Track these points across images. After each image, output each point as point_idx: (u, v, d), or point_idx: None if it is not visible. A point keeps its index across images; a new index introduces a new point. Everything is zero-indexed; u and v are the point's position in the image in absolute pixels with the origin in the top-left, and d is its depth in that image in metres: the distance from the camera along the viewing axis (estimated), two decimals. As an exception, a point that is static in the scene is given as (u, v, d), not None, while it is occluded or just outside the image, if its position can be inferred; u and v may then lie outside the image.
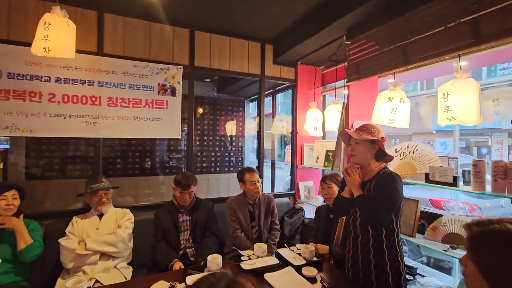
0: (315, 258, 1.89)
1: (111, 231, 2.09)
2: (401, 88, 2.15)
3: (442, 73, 2.68)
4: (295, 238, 2.73)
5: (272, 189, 3.90)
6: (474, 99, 1.62)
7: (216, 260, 1.75)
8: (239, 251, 1.96)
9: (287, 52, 2.95)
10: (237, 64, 2.98)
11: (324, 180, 2.18)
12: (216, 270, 1.71)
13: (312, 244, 2.10)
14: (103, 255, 1.99)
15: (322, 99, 3.44)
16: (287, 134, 3.62)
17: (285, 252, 1.99)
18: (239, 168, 5.42)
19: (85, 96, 2.34)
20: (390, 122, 2.15)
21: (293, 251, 2.01)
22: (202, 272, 1.72)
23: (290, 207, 3.04)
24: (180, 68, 2.68)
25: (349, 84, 2.47)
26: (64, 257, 1.91)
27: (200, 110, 4.92)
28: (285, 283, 1.62)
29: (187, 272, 1.70)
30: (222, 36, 2.91)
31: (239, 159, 5.35)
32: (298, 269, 1.76)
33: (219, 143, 5.11)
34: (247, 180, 2.46)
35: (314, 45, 2.70)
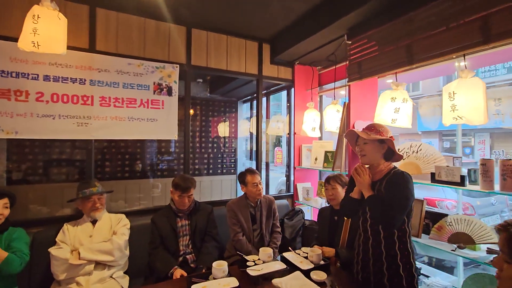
0: (322, 262, 1.84)
1: (106, 238, 1.96)
2: (403, 87, 2.15)
3: (438, 74, 2.71)
4: (296, 240, 2.67)
5: (266, 191, 3.85)
6: (481, 98, 1.62)
7: (221, 267, 1.67)
8: (244, 256, 1.88)
9: (285, 52, 2.91)
10: (234, 63, 2.91)
11: (328, 181, 2.14)
12: (222, 277, 1.63)
13: (317, 247, 2.05)
14: (98, 265, 1.87)
15: (319, 100, 3.42)
16: (286, 135, 3.57)
17: (290, 256, 1.93)
18: (232, 170, 5.36)
19: (76, 95, 2.20)
20: (393, 122, 2.15)
21: (299, 254, 1.96)
22: (207, 280, 1.64)
23: (289, 209, 2.99)
24: (176, 66, 2.58)
25: (350, 84, 2.45)
26: (55, 268, 1.77)
27: (191, 111, 4.81)
28: (294, 289, 1.57)
29: (191, 280, 1.61)
30: (219, 35, 2.83)
31: (232, 161, 5.27)
32: (306, 273, 1.70)
33: (212, 145, 5.01)
34: (248, 182, 2.39)
35: (314, 44, 2.67)
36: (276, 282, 1.63)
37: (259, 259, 1.86)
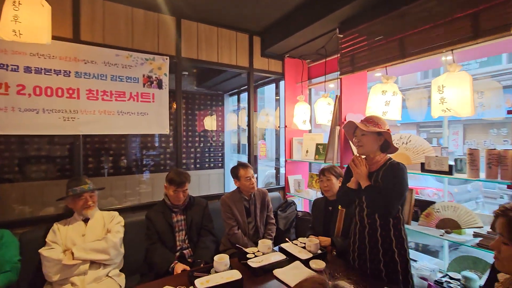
0: (320, 251, 1.89)
1: (99, 237, 1.90)
2: (393, 81, 2.22)
3: (425, 67, 2.82)
4: (290, 232, 2.73)
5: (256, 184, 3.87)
6: (468, 91, 1.71)
7: (223, 260, 1.67)
8: (243, 249, 1.90)
9: (276, 45, 2.90)
10: (225, 56, 2.86)
11: (323, 173, 2.18)
12: (224, 270, 1.64)
13: (313, 237, 2.10)
14: (93, 264, 1.81)
15: (308, 93, 3.45)
16: (275, 128, 3.59)
17: (288, 246, 1.97)
18: (219, 164, 5.33)
19: (60, 88, 2.08)
20: (384, 114, 2.22)
21: (296, 245, 2.00)
22: (208, 273, 1.64)
23: (282, 201, 3.03)
24: (166, 58, 2.50)
25: (341, 78, 2.49)
26: (47, 269, 1.70)
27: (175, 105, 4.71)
28: (295, 278, 1.58)
29: (192, 275, 1.60)
30: (210, 26, 2.77)
31: (219, 154, 5.24)
32: (305, 262, 1.75)
33: (199, 139, 4.95)
34: (242, 176, 2.38)
35: (305, 37, 2.68)
36: (277, 272, 1.66)
37: (258, 251, 1.88)
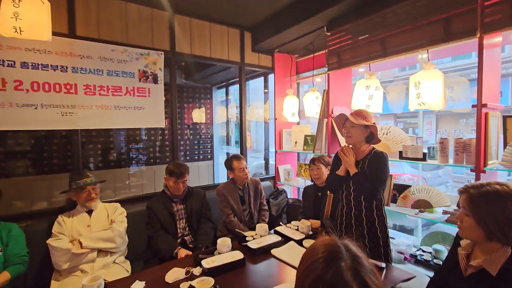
0: (311, 232, 2.10)
1: (104, 227, 1.99)
2: (376, 76, 2.42)
3: (403, 64, 3.05)
4: (282, 217, 2.92)
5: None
6: (440, 87, 1.94)
7: (226, 242, 1.83)
8: (242, 233, 2.07)
9: (266, 40, 3.02)
10: (218, 51, 2.95)
11: (313, 162, 2.37)
12: (227, 251, 1.80)
13: (304, 220, 2.30)
14: (100, 252, 1.91)
15: (296, 86, 3.61)
16: (266, 121, 3.74)
17: (283, 229, 2.16)
18: (208, 156, 5.42)
19: (58, 83, 2.11)
20: (367, 107, 2.42)
21: (290, 228, 2.19)
22: (212, 255, 1.79)
23: (273, 190, 3.22)
24: (161, 53, 2.56)
25: (329, 73, 2.66)
26: (57, 258, 1.78)
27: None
28: (292, 256, 1.79)
29: (198, 257, 1.75)
30: (202, 21, 2.83)
31: (208, 147, 5.33)
32: (299, 242, 1.95)
33: (188, 131, 5.01)
34: (235, 168, 2.52)
35: (294, 34, 2.81)
36: (274, 252, 1.84)
37: (256, 234, 2.06)
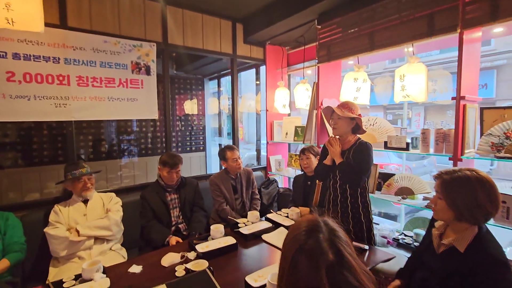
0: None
1: (100, 216, 2.05)
2: (364, 69, 2.51)
3: (390, 57, 3.14)
4: (273, 205, 3.03)
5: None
6: (423, 80, 2.04)
7: (219, 228, 1.92)
8: (235, 220, 2.16)
9: (258, 32, 3.05)
10: (210, 42, 2.97)
11: (303, 152, 2.46)
12: (220, 237, 1.89)
13: (293, 207, 2.41)
14: (97, 239, 1.97)
15: (287, 78, 3.67)
16: (257, 112, 3.80)
17: (273, 216, 2.26)
18: (201, 148, 5.47)
19: (50, 74, 2.11)
20: (355, 99, 2.52)
21: (280, 215, 2.30)
22: (206, 241, 1.88)
23: (264, 180, 3.31)
24: (153, 45, 2.57)
25: (319, 65, 2.73)
26: (55, 246, 1.84)
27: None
28: (281, 240, 1.87)
29: (192, 243, 1.83)
30: (195, 13, 2.84)
31: (200, 138, 5.36)
32: (288, 228, 2.04)
33: (180, 123, 5.03)
34: (229, 158, 2.59)
35: (286, 26, 2.86)
36: (265, 237, 1.94)
37: (248, 221, 2.15)
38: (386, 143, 2.31)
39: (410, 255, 1.56)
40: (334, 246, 0.67)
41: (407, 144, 2.16)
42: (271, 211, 2.38)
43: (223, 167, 2.70)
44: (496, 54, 8.26)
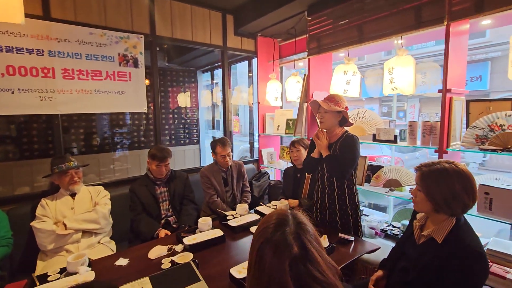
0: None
1: (88, 209, 2.05)
2: (354, 62, 2.49)
3: (381, 49, 3.12)
4: (264, 198, 3.05)
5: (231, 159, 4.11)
6: (411, 73, 2.03)
7: (206, 221, 1.93)
8: (223, 213, 2.17)
9: (249, 24, 3.01)
10: (199, 34, 2.92)
11: (293, 145, 2.47)
12: (207, 230, 1.90)
13: (283, 199, 2.43)
14: (85, 233, 1.97)
15: (279, 71, 3.64)
16: (250, 105, 3.78)
17: (262, 208, 2.28)
18: (194, 140, 5.45)
19: (34, 67, 2.08)
20: (344, 92, 2.51)
21: (269, 207, 2.31)
22: (194, 233, 1.89)
23: (256, 172, 3.32)
24: (141, 37, 2.53)
25: (309, 58, 2.71)
26: (42, 239, 1.84)
27: (147, 81, 4.67)
28: (269, 233, 1.92)
29: (180, 235, 1.84)
30: (183, 4, 2.78)
31: (194, 131, 5.34)
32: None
33: (173, 116, 4.99)
34: (218, 153, 2.57)
35: (277, 18, 2.82)
36: (253, 229, 1.96)
37: (236, 214, 2.17)
38: (374, 135, 2.32)
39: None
40: (299, 239, 0.68)
41: (395, 136, 2.17)
42: (261, 203, 2.39)
43: (214, 159, 2.70)
44: (490, 46, 8.25)
